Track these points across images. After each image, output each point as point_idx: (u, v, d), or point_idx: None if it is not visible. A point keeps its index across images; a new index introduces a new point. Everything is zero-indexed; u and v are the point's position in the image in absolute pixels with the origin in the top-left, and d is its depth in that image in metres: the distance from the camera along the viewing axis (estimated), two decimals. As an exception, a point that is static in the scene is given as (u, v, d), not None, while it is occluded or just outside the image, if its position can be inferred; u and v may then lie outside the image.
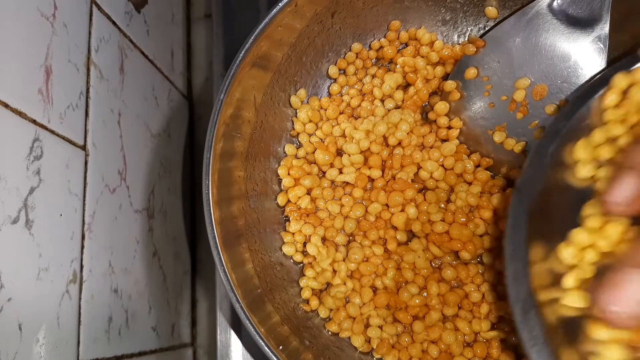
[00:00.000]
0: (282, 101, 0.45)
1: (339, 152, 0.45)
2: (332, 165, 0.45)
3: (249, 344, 0.49)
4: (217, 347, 0.49)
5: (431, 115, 0.44)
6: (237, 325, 0.49)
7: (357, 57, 0.47)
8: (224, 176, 0.40)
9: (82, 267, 0.35)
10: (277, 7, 0.38)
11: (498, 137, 0.42)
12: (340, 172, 0.44)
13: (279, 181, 0.45)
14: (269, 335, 0.37)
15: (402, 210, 0.42)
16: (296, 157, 0.46)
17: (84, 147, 0.36)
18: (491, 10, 0.45)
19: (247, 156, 0.43)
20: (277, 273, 0.43)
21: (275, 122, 0.45)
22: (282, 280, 0.43)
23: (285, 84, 0.45)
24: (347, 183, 0.44)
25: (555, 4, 0.40)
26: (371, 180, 0.44)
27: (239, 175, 0.42)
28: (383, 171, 0.44)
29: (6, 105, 0.29)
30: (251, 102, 0.42)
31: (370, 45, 0.47)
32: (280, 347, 0.37)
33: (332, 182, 0.45)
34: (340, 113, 0.46)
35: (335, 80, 0.47)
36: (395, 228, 0.43)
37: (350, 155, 0.43)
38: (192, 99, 0.59)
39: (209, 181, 0.37)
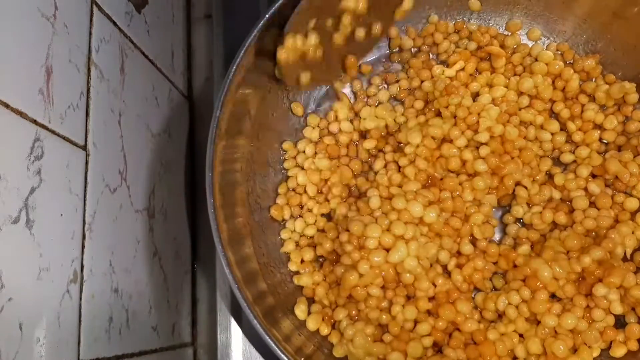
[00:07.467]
0: (282, 101, 0.45)
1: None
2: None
3: (250, 343, 0.49)
4: (217, 346, 0.49)
5: None
6: (237, 325, 0.49)
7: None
8: (225, 178, 0.40)
9: (82, 266, 0.35)
10: (276, 7, 0.38)
11: None
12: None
13: (281, 179, 0.46)
14: (274, 333, 0.37)
15: None
16: (296, 157, 0.46)
17: (84, 147, 0.36)
18: (474, 3, 0.45)
19: (248, 157, 0.43)
20: (280, 272, 0.43)
21: (277, 124, 0.45)
22: (285, 279, 0.43)
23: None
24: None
25: None
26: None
27: (239, 175, 0.42)
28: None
29: (7, 106, 0.29)
30: (251, 102, 0.42)
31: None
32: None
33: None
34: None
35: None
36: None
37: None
38: (192, 99, 0.59)
39: (212, 191, 0.37)
